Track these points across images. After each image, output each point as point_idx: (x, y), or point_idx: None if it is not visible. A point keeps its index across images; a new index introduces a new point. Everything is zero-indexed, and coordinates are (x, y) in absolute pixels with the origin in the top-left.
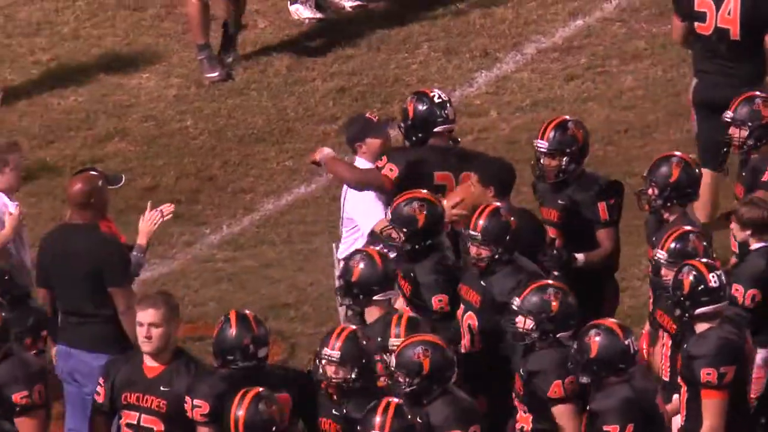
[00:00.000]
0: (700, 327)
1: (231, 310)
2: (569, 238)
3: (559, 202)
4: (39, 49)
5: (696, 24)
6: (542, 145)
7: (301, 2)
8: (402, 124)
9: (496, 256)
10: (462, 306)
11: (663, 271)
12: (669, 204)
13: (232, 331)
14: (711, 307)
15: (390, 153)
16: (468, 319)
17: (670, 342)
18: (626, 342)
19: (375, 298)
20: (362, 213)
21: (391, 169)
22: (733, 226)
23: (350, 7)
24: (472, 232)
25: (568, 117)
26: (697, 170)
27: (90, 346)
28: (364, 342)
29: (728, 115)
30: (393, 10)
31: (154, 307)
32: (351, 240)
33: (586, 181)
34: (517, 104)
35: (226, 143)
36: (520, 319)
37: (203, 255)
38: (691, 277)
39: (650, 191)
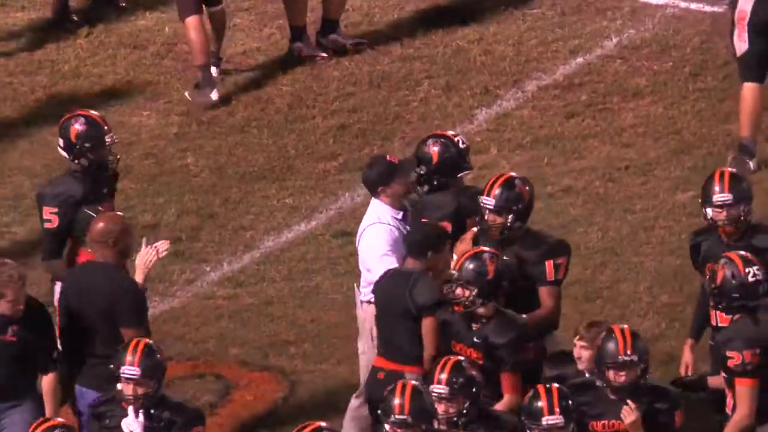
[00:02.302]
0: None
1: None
2: (512, 295)
3: (505, 258)
4: (40, 87)
5: None
6: (488, 202)
7: (302, 40)
8: (422, 168)
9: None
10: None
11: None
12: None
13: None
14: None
15: (429, 213)
16: None
17: None
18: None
19: None
20: (376, 260)
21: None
22: None
23: (350, 45)
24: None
25: (514, 174)
26: None
27: (100, 387)
28: None
29: None
30: (393, 47)
31: None
32: (368, 282)
33: (533, 239)
34: (518, 141)
35: (226, 180)
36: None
37: (204, 292)
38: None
39: None
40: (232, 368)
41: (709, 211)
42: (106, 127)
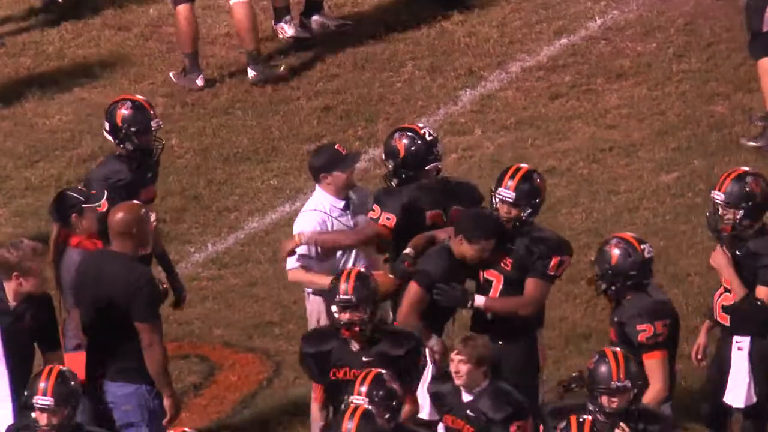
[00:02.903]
0: None
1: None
2: (512, 286)
3: (511, 247)
4: (23, 68)
5: None
6: (507, 194)
7: (286, 21)
8: (390, 162)
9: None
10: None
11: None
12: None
13: None
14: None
15: (381, 201)
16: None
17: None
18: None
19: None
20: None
21: (387, 218)
22: None
23: (335, 26)
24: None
25: (530, 167)
26: None
27: (113, 376)
28: None
29: None
30: (378, 29)
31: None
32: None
33: (540, 233)
34: (502, 122)
35: (211, 162)
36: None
37: (188, 274)
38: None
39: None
40: (217, 349)
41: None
42: (152, 112)
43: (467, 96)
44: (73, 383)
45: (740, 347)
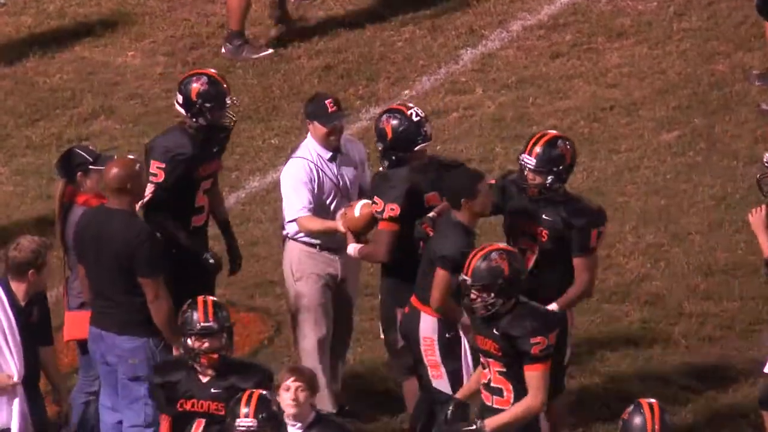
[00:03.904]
0: None
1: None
2: (546, 257)
3: (546, 218)
4: (24, 27)
5: None
6: (529, 161)
7: None
8: (379, 145)
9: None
10: None
11: None
12: None
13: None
14: None
15: (381, 192)
16: None
17: None
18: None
19: None
20: (286, 191)
21: (392, 209)
22: None
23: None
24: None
25: (556, 133)
26: None
27: (119, 330)
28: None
29: None
30: None
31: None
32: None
33: (575, 203)
34: (503, 81)
35: None
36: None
37: None
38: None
39: None
40: None
41: None
42: (226, 87)
43: (468, 55)
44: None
45: None
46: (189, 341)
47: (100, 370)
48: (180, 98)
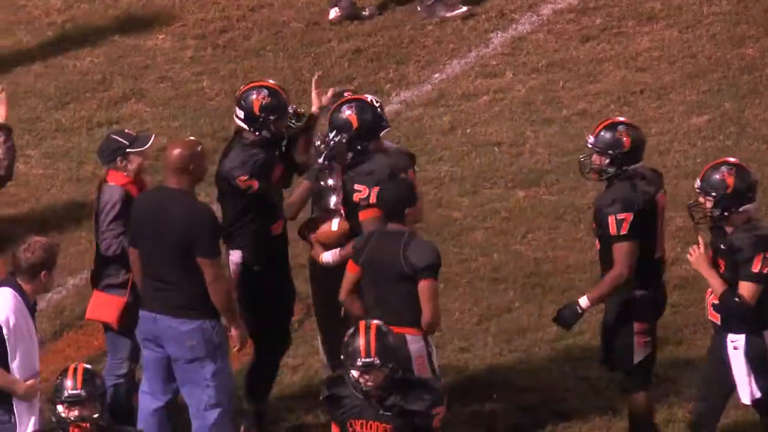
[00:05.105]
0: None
1: None
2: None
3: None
4: (54, 10)
5: None
6: (590, 141)
7: None
8: (344, 136)
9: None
10: None
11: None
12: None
13: None
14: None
15: (363, 180)
16: None
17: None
18: None
19: None
20: None
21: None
22: None
23: None
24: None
25: (622, 119)
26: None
27: (175, 313)
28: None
29: None
30: None
31: None
32: None
33: (612, 192)
34: (533, 65)
35: None
36: None
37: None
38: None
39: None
40: None
41: None
42: (285, 95)
43: (498, 38)
44: (99, 381)
45: (735, 346)
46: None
47: (144, 355)
48: (241, 113)
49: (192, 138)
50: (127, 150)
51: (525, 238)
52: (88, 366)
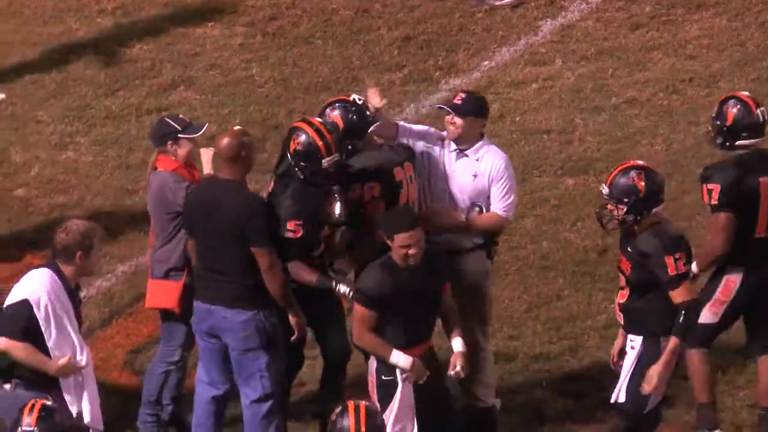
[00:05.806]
0: None
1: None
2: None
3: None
4: None
5: None
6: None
7: None
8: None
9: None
10: None
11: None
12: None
13: None
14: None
15: (355, 177)
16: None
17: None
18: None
19: None
20: None
21: (371, 187)
22: None
23: None
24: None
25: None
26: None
27: (230, 303)
28: None
29: None
30: None
31: None
32: None
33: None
34: (582, 53)
35: (291, 91)
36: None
37: None
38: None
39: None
40: None
41: None
42: (322, 144)
43: (548, 26)
44: (58, 418)
45: (632, 346)
46: None
47: (200, 345)
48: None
49: (239, 127)
50: (179, 135)
51: (574, 226)
52: (48, 403)
